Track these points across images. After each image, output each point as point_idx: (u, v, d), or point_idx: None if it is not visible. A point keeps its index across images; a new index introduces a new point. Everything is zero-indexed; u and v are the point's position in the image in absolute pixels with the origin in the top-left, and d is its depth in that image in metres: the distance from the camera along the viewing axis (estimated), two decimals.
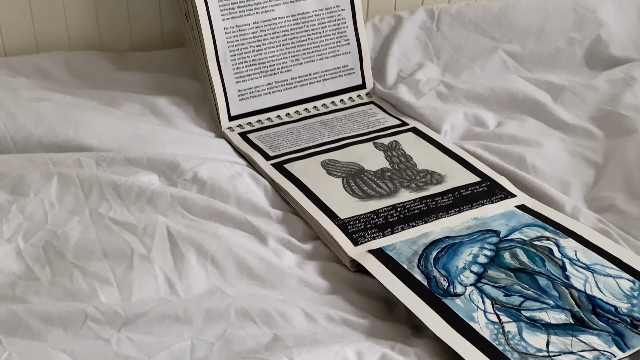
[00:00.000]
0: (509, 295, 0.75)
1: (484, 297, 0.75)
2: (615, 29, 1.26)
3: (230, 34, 1.09)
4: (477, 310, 0.73)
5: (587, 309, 0.73)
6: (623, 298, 0.75)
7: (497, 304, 0.74)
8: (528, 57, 1.23)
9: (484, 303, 0.74)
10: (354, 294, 0.79)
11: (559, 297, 0.74)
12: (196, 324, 0.73)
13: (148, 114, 1.08)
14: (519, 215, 0.87)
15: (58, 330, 0.71)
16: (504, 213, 0.87)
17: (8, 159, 0.95)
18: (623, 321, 0.72)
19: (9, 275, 0.78)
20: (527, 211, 0.88)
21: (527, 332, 0.71)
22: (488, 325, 0.71)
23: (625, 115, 1.08)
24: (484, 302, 0.74)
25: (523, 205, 0.89)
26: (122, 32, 1.24)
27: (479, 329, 0.71)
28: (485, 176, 0.95)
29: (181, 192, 0.90)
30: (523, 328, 0.71)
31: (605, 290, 0.75)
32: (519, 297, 0.75)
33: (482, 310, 0.73)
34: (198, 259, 0.81)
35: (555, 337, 0.70)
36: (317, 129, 1.09)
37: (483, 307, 0.74)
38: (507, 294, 0.75)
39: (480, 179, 0.95)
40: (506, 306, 0.74)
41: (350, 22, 1.16)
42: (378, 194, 0.93)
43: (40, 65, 1.16)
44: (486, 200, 0.91)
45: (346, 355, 0.68)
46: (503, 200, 0.91)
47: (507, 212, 0.88)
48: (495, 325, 0.72)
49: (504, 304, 0.74)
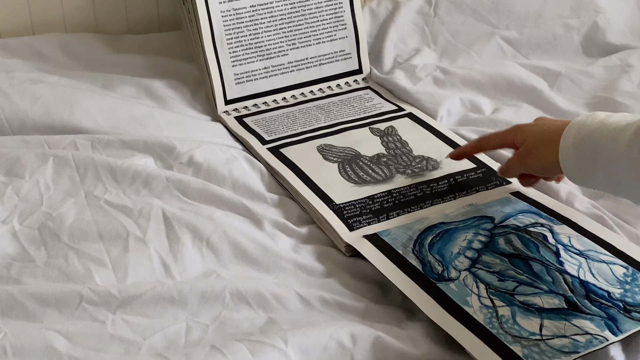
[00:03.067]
0: (502, 280, 0.75)
1: (478, 282, 0.75)
2: (613, 15, 1.26)
3: (227, 17, 1.08)
4: (471, 294, 0.74)
5: (580, 294, 0.73)
6: (616, 284, 0.75)
7: (491, 288, 0.74)
8: (525, 43, 1.23)
9: (477, 288, 0.74)
10: (349, 277, 0.80)
11: (553, 282, 0.75)
12: (191, 306, 0.73)
13: (144, 96, 1.08)
14: (514, 202, 0.87)
15: (53, 311, 0.71)
16: (499, 200, 0.88)
17: (3, 141, 0.95)
18: (616, 306, 0.72)
19: (4, 256, 0.78)
20: (522, 198, 0.88)
21: (521, 316, 0.71)
22: (482, 309, 0.72)
23: (621, 102, 1.08)
24: (477, 286, 0.74)
25: (518, 192, 0.89)
26: (118, 15, 1.24)
27: (473, 313, 0.71)
28: (480, 162, 0.96)
29: (177, 175, 0.90)
30: (516, 312, 0.71)
31: (598, 275, 0.76)
32: (513, 282, 0.75)
33: (476, 294, 0.74)
34: (193, 242, 0.81)
35: (548, 322, 0.70)
36: (313, 113, 1.09)
37: (477, 291, 0.74)
38: (501, 278, 0.75)
39: (476, 165, 0.95)
40: (500, 291, 0.74)
41: (348, 7, 1.15)
42: (374, 180, 0.93)
43: (36, 47, 1.16)
44: (481, 186, 0.91)
45: (340, 338, 0.69)
46: (498, 187, 0.91)
47: (502, 198, 0.88)
48: (489, 309, 0.72)
49: (498, 289, 0.74)
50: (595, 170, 0.73)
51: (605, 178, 0.73)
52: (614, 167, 0.71)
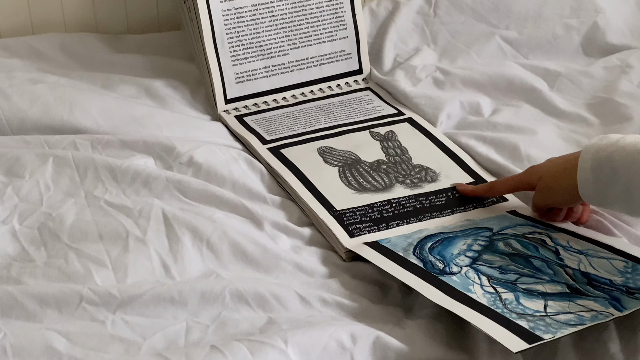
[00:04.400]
0: (504, 273, 0.76)
1: (480, 275, 0.76)
2: (612, 15, 1.26)
3: (228, 16, 1.08)
4: (474, 284, 0.74)
5: (582, 282, 0.74)
6: (617, 274, 0.76)
7: (493, 279, 0.75)
8: (525, 43, 1.23)
9: (480, 279, 0.75)
10: (348, 277, 0.80)
11: (554, 274, 0.76)
12: (191, 306, 0.73)
13: (144, 96, 1.08)
14: (510, 218, 0.87)
15: (53, 311, 0.71)
16: (496, 217, 0.88)
17: (3, 141, 0.95)
18: (618, 289, 0.73)
19: (4, 256, 0.79)
20: (519, 215, 0.88)
21: (525, 298, 0.72)
22: (485, 294, 0.73)
23: (620, 102, 1.08)
24: (480, 278, 0.75)
25: (514, 210, 0.90)
26: (118, 14, 1.24)
27: (477, 298, 0.72)
28: (478, 177, 0.96)
29: (177, 176, 0.90)
30: (520, 296, 0.72)
31: (599, 268, 0.77)
32: (515, 274, 0.76)
33: (478, 284, 0.74)
34: (193, 242, 0.81)
35: (552, 302, 0.71)
36: (313, 114, 1.09)
37: (479, 282, 0.75)
38: (503, 272, 0.76)
39: (474, 179, 0.95)
40: (502, 281, 0.75)
41: (348, 7, 1.15)
42: (373, 187, 0.93)
43: (36, 46, 1.16)
44: (478, 203, 0.91)
45: (340, 338, 0.69)
46: (495, 204, 0.91)
47: (499, 215, 0.88)
48: (492, 294, 0.73)
49: (500, 280, 0.75)
50: (614, 192, 0.75)
51: (624, 199, 0.75)
52: (633, 188, 0.73)
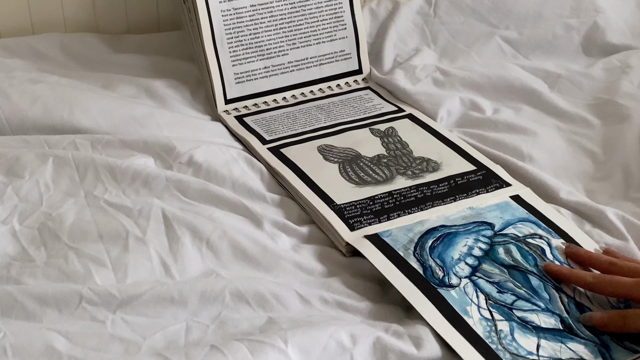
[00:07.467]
0: (502, 292, 0.76)
1: (478, 292, 0.76)
2: (613, 15, 1.26)
3: (227, 16, 1.08)
4: (471, 304, 0.74)
5: (574, 317, 0.74)
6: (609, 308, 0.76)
7: (490, 299, 0.75)
8: (525, 43, 1.23)
9: (477, 297, 0.75)
10: (349, 277, 0.80)
11: (550, 299, 0.76)
12: (191, 306, 0.73)
13: (143, 96, 1.08)
14: (513, 208, 0.87)
15: (53, 311, 0.71)
16: (498, 204, 0.88)
17: (3, 141, 0.95)
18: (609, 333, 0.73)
19: (4, 256, 0.78)
20: (521, 203, 0.88)
21: (519, 333, 0.72)
22: (481, 321, 0.73)
23: (621, 103, 1.08)
24: (477, 296, 0.75)
25: (517, 195, 0.89)
26: (118, 14, 1.24)
27: (473, 325, 0.72)
28: (480, 164, 0.95)
29: (177, 175, 0.90)
30: (515, 328, 0.72)
31: (593, 299, 0.76)
32: (512, 295, 0.76)
33: (475, 304, 0.74)
34: (193, 242, 0.81)
35: (545, 342, 0.72)
36: (313, 113, 1.09)
37: (477, 301, 0.75)
38: (501, 290, 0.76)
39: (476, 167, 0.95)
40: (499, 303, 0.75)
41: (348, 7, 1.15)
42: (374, 180, 0.93)
43: (36, 46, 1.16)
44: (481, 189, 0.91)
45: (340, 338, 0.69)
46: (498, 190, 0.91)
47: (501, 202, 0.88)
48: (489, 322, 0.73)
49: (497, 301, 0.75)
50: None
51: None
52: None
